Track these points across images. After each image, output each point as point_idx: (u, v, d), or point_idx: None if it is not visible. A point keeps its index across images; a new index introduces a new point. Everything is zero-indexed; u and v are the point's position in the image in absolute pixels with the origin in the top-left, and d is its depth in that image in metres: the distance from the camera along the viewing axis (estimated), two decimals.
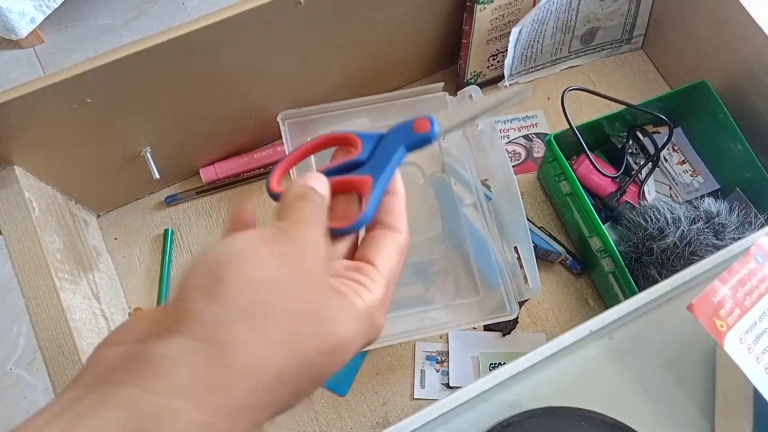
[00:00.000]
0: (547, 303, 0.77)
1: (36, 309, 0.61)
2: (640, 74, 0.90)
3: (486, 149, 0.75)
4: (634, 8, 0.85)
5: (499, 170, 0.74)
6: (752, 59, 0.73)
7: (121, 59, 0.60)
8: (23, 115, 0.61)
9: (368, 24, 0.74)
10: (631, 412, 0.49)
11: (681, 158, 0.81)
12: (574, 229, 0.77)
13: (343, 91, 0.80)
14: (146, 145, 0.74)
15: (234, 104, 0.75)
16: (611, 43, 0.90)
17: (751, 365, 0.46)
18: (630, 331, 0.53)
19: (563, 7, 0.80)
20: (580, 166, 0.77)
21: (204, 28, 0.62)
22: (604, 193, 0.77)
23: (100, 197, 0.80)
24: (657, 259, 0.68)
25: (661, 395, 0.51)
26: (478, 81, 0.87)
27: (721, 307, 0.47)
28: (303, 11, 0.66)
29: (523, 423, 0.48)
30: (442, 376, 0.74)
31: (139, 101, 0.67)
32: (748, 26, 0.71)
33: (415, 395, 0.74)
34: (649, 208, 0.71)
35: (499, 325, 0.75)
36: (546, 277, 0.78)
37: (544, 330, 0.76)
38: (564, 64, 0.90)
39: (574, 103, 0.86)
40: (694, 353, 0.52)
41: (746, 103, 0.75)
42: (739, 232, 0.68)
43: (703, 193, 0.79)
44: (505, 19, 0.79)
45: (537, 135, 0.87)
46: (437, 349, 0.75)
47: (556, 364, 0.51)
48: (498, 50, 0.84)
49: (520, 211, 0.69)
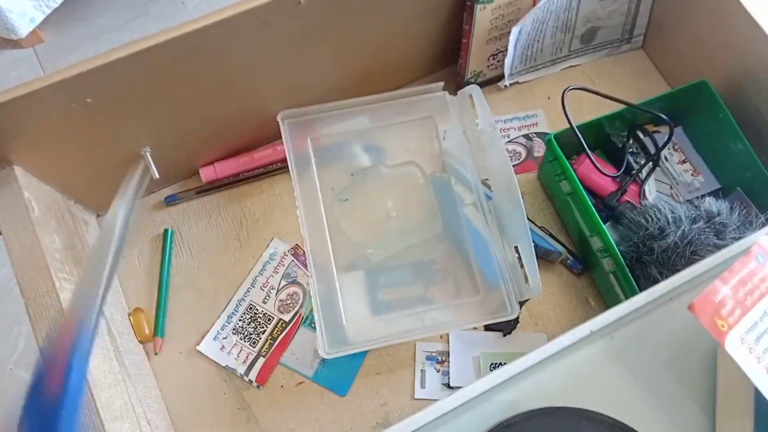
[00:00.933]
0: (547, 303, 0.77)
1: (36, 309, 0.61)
2: (640, 74, 0.90)
3: (486, 149, 0.75)
4: (634, 8, 0.85)
5: (499, 170, 0.74)
6: (752, 58, 0.73)
7: (121, 59, 0.60)
8: (23, 114, 0.61)
9: (368, 23, 0.73)
10: (631, 413, 0.49)
11: (682, 158, 0.81)
12: (575, 229, 0.77)
13: (342, 90, 0.80)
14: (146, 144, 0.74)
15: (234, 104, 0.75)
16: (611, 43, 0.90)
17: (753, 365, 0.46)
18: (631, 331, 0.52)
19: (563, 6, 0.80)
20: (581, 166, 0.77)
21: (204, 28, 0.62)
22: (605, 192, 0.77)
23: (99, 197, 0.80)
24: (658, 259, 0.68)
25: (662, 395, 0.51)
26: (478, 80, 0.87)
27: (722, 307, 0.47)
28: (303, 11, 0.66)
29: (524, 423, 0.48)
30: (443, 376, 0.74)
31: (138, 101, 0.67)
32: (749, 26, 0.71)
33: (415, 395, 0.74)
34: (649, 207, 0.71)
35: (500, 325, 0.75)
36: (547, 277, 0.78)
37: (544, 330, 0.76)
38: (564, 64, 0.90)
39: (575, 103, 0.86)
40: (695, 353, 0.52)
41: (746, 102, 0.75)
42: (740, 232, 0.68)
43: (703, 193, 0.79)
44: (505, 18, 0.79)
45: (537, 134, 0.86)
46: (437, 349, 0.75)
47: (556, 364, 0.51)
48: (498, 50, 0.84)
49: (521, 210, 0.69)
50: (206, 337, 0.76)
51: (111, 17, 1.62)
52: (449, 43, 0.83)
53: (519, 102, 0.89)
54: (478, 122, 0.76)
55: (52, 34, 1.58)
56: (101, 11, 1.62)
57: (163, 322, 0.77)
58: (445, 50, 0.85)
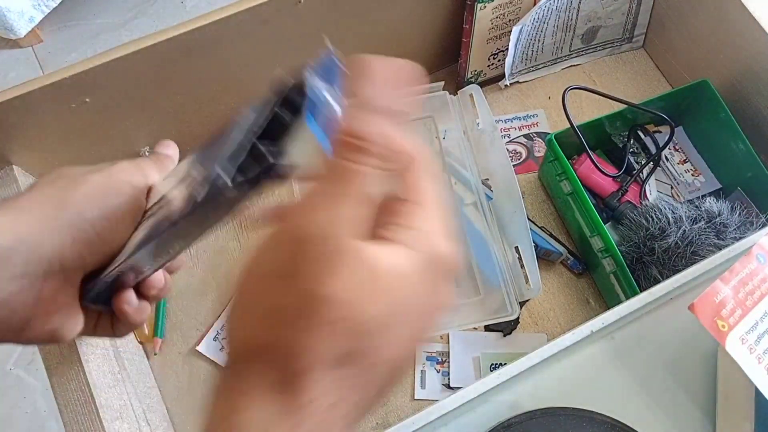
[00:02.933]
0: (548, 303, 0.77)
1: None
2: (641, 73, 0.90)
3: (487, 149, 0.75)
4: (635, 7, 0.85)
5: (499, 170, 0.74)
6: (753, 58, 0.72)
7: (120, 58, 0.60)
8: (22, 114, 0.61)
9: (368, 23, 0.73)
10: (632, 413, 0.49)
11: (682, 158, 0.81)
12: (576, 229, 0.77)
13: None
14: (145, 144, 0.74)
15: (233, 103, 0.75)
16: (612, 42, 0.90)
17: (753, 365, 0.46)
18: (631, 332, 0.52)
19: (564, 5, 0.80)
20: (581, 166, 0.76)
21: (202, 27, 0.62)
22: (605, 192, 0.77)
23: None
24: (658, 259, 0.68)
25: (662, 395, 0.51)
26: (478, 80, 0.87)
27: (722, 308, 0.47)
28: (302, 10, 0.66)
29: (524, 424, 0.48)
30: (443, 376, 0.74)
31: (137, 100, 0.67)
32: (749, 25, 0.71)
33: (415, 396, 0.73)
34: (650, 207, 0.71)
35: (500, 326, 0.75)
36: (547, 277, 0.78)
37: (545, 330, 0.75)
38: (565, 63, 0.90)
39: (575, 103, 0.86)
40: (695, 354, 0.52)
41: (747, 102, 0.75)
42: (741, 232, 0.68)
43: (704, 193, 0.78)
44: (505, 17, 0.79)
45: (538, 134, 0.86)
46: (437, 349, 0.75)
47: (557, 365, 0.51)
48: (498, 49, 0.83)
49: (521, 210, 0.69)
50: (206, 338, 0.76)
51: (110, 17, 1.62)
52: (449, 42, 0.83)
53: (519, 102, 0.88)
54: (479, 122, 0.76)
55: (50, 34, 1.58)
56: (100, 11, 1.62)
57: (162, 322, 0.77)
58: (445, 50, 0.85)
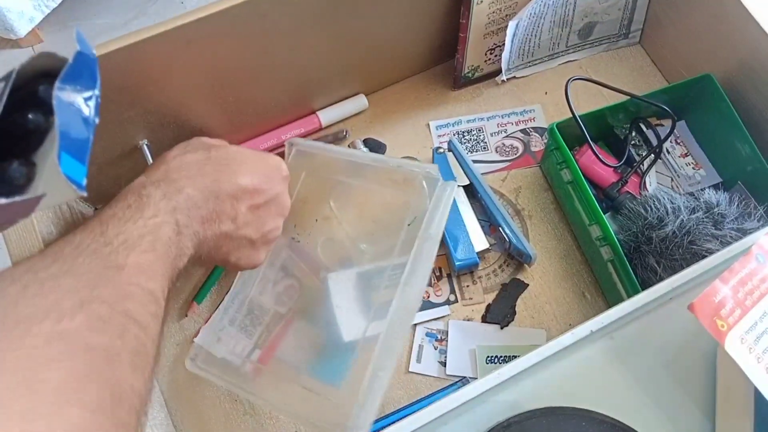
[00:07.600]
0: (544, 297, 0.77)
1: None
2: (637, 69, 0.90)
3: None
4: (631, 3, 0.85)
5: None
6: (750, 54, 0.72)
7: (117, 51, 0.59)
8: None
9: (366, 18, 0.73)
10: (631, 413, 0.49)
11: (684, 151, 0.81)
12: (575, 219, 0.77)
13: (342, 84, 0.79)
14: (143, 137, 0.73)
15: (230, 97, 0.75)
16: (609, 38, 0.89)
17: (752, 365, 0.46)
18: (631, 331, 0.53)
19: (560, 1, 0.80)
20: (582, 156, 0.77)
21: (200, 20, 0.61)
22: (606, 183, 0.77)
23: (97, 190, 0.79)
24: (656, 248, 0.68)
25: (661, 395, 0.51)
26: (475, 75, 0.87)
27: (722, 307, 0.47)
28: (300, 4, 0.65)
29: (524, 423, 0.48)
30: (440, 354, 0.74)
31: (135, 93, 0.66)
32: (746, 21, 0.71)
33: (409, 368, 0.73)
34: (649, 197, 0.71)
35: (497, 318, 0.75)
36: (543, 272, 0.78)
37: (541, 323, 0.75)
38: (561, 59, 0.90)
39: (573, 97, 0.85)
40: (694, 353, 0.52)
41: (743, 98, 0.75)
42: (739, 223, 0.68)
43: (704, 186, 0.78)
44: (502, 12, 0.79)
45: (534, 129, 0.86)
46: (438, 327, 0.75)
47: (556, 364, 0.51)
48: (495, 44, 0.83)
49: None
50: (203, 330, 0.76)
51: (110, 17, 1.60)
52: (446, 37, 0.83)
53: (516, 97, 0.88)
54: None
55: (51, 34, 1.57)
56: (100, 11, 1.60)
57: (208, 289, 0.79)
58: (442, 45, 0.85)
